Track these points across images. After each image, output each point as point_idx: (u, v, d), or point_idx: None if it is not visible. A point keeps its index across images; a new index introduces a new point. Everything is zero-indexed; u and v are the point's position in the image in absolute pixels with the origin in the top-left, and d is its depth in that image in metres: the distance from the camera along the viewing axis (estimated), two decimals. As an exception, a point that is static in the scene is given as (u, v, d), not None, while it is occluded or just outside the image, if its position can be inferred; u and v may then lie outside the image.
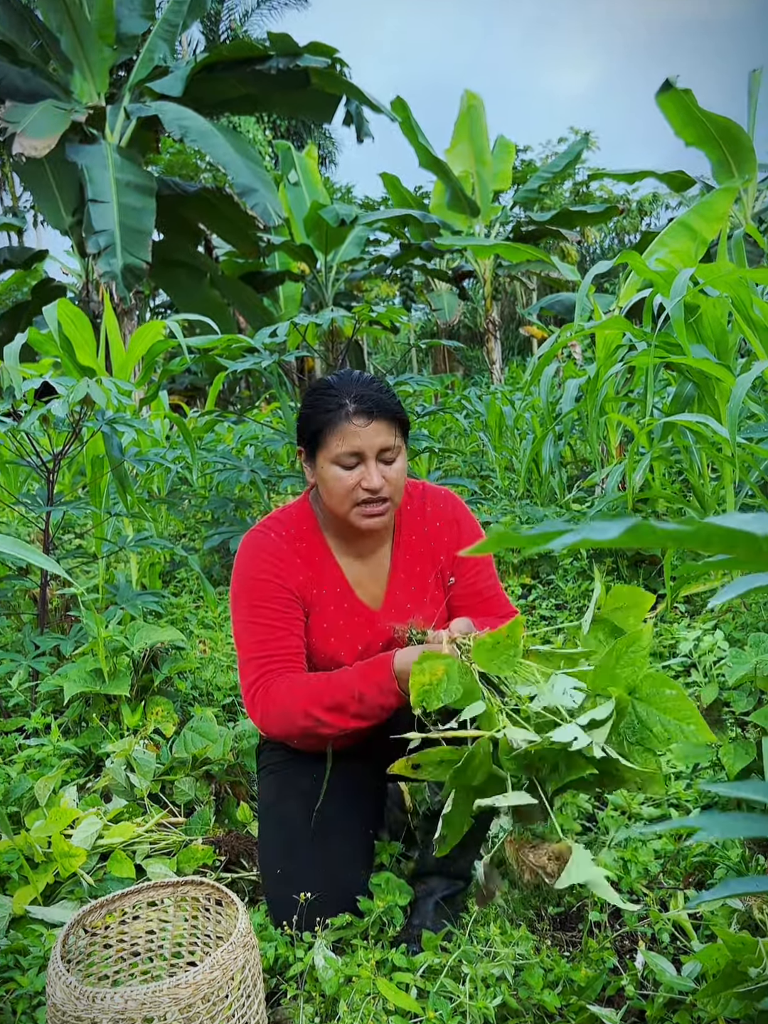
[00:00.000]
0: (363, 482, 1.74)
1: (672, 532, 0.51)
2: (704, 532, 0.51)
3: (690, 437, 3.48)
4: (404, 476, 1.80)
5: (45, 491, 3.15)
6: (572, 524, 0.54)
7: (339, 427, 1.73)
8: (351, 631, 1.87)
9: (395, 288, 21.20)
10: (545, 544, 0.54)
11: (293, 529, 1.87)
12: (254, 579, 1.81)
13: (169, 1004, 1.31)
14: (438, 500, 1.95)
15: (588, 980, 1.56)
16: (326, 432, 1.75)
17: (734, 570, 1.87)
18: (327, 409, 1.75)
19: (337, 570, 1.88)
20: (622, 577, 3.90)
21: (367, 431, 1.73)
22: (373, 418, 1.73)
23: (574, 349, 11.23)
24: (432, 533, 1.92)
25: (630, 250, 3.77)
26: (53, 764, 2.34)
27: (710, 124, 10.31)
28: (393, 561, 1.91)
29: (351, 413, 1.73)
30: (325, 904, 1.73)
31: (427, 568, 1.91)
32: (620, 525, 0.51)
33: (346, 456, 1.74)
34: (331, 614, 1.86)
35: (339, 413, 1.73)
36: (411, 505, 1.94)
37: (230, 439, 7.39)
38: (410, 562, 1.91)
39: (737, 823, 0.64)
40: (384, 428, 1.75)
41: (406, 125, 13.47)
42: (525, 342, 26.28)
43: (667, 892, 1.80)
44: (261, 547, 1.84)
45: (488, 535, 0.60)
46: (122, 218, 9.28)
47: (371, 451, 1.74)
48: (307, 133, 26.24)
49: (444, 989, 1.53)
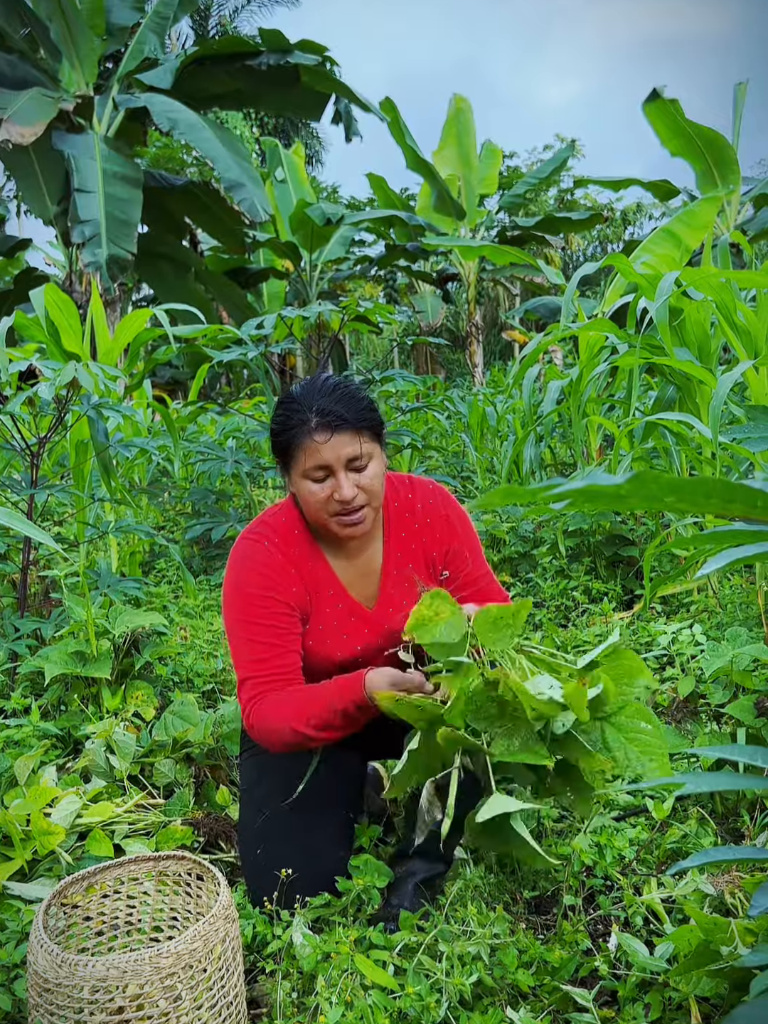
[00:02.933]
0: (335, 494, 1.72)
1: (674, 482, 0.53)
2: (704, 485, 0.54)
3: (671, 439, 3.52)
4: (380, 479, 1.77)
5: (28, 475, 3.14)
6: (569, 484, 0.56)
7: (303, 443, 1.71)
8: (348, 632, 1.87)
9: (379, 289, 21.23)
10: (549, 494, 0.56)
11: (284, 535, 1.85)
12: (250, 594, 1.79)
13: (151, 973, 1.32)
14: (427, 495, 1.94)
15: (562, 961, 1.59)
16: (292, 448, 1.74)
17: (708, 555, 1.89)
18: (291, 425, 1.73)
19: (330, 573, 1.87)
20: (600, 577, 3.94)
21: (330, 445, 1.70)
22: (335, 431, 1.70)
23: (555, 354, 11.28)
24: (422, 529, 1.91)
25: (617, 254, 3.81)
26: (33, 745, 2.34)
27: (695, 135, 10.41)
28: (384, 560, 1.90)
29: (312, 429, 1.70)
30: (304, 885, 1.75)
31: (419, 564, 1.91)
32: (624, 475, 0.53)
33: (314, 471, 1.72)
34: (327, 616, 1.85)
35: (303, 429, 1.71)
36: (398, 502, 1.92)
37: (212, 431, 7.38)
38: (401, 559, 1.90)
39: (719, 778, 0.67)
40: (348, 439, 1.71)
41: (394, 126, 13.50)
42: (507, 347, 26.36)
43: (640, 878, 1.83)
44: (255, 559, 1.82)
45: (485, 499, 0.62)
46: (108, 208, 9.23)
47: (338, 463, 1.71)
48: (294, 131, 26.23)
49: (421, 966, 1.55)
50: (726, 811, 2.05)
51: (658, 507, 0.60)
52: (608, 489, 0.54)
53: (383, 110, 12.75)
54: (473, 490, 6.23)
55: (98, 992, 1.32)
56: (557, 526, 4.02)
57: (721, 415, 3.23)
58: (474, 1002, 1.53)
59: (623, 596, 3.74)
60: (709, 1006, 1.45)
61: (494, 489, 0.57)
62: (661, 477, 0.53)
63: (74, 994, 1.32)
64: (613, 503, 0.56)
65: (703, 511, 0.62)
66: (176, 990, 1.35)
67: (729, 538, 0.71)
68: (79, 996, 1.32)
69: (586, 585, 3.81)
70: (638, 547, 3.88)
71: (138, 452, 4.53)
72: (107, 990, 1.32)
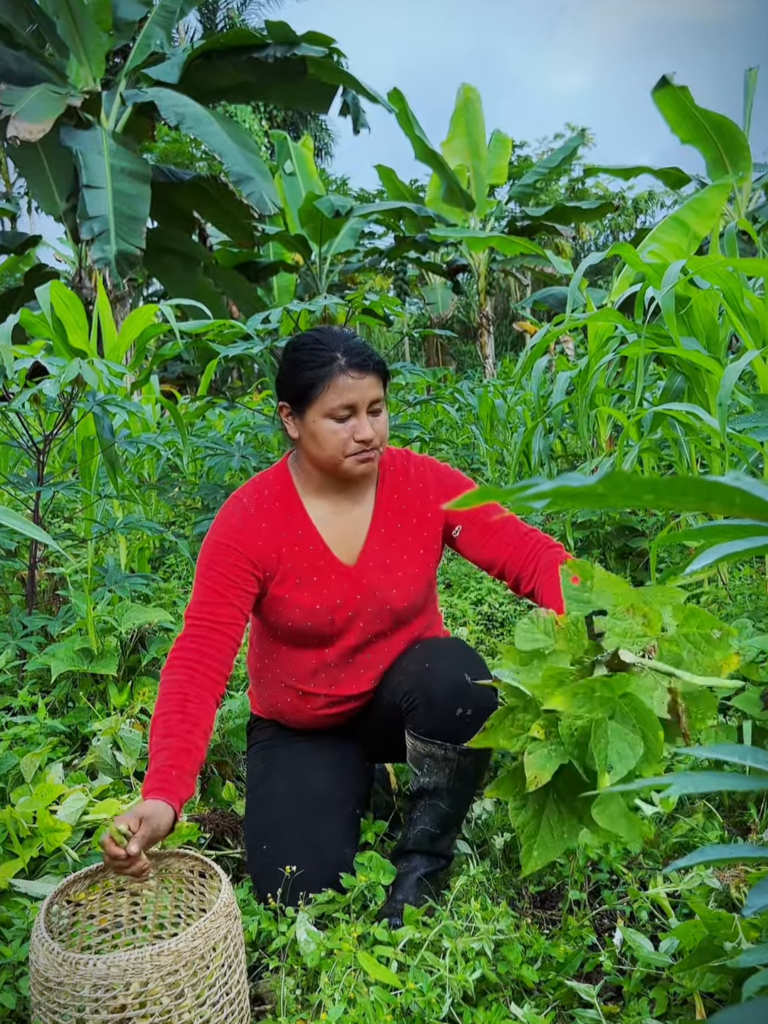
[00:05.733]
0: (356, 434, 1.77)
1: (648, 482, 0.53)
2: (680, 483, 0.53)
3: (679, 430, 3.50)
4: (387, 426, 1.85)
5: (35, 472, 3.15)
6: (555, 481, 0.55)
7: (334, 381, 1.75)
8: (327, 587, 1.88)
9: (389, 281, 21.19)
10: (524, 495, 0.55)
11: (267, 490, 1.90)
12: (216, 542, 1.86)
13: (151, 971, 1.32)
14: (423, 465, 1.98)
15: (567, 956, 1.58)
16: (319, 386, 1.77)
17: (713, 542, 1.88)
18: (319, 364, 1.77)
19: (311, 528, 1.89)
20: (609, 569, 3.92)
21: (362, 384, 1.76)
22: (367, 371, 1.77)
23: (567, 344, 11.26)
24: (416, 492, 1.94)
25: (624, 243, 3.78)
26: (39, 742, 2.35)
27: (705, 121, 10.34)
28: (373, 518, 1.93)
29: (344, 367, 1.75)
30: (310, 881, 1.75)
31: (409, 525, 1.93)
32: (597, 475, 0.52)
33: (340, 409, 1.76)
34: (305, 571, 1.88)
35: (332, 368, 1.76)
36: (394, 466, 1.96)
37: (221, 426, 7.39)
38: (391, 518, 1.93)
39: (708, 779, 0.66)
40: (375, 380, 1.79)
41: (402, 116, 13.46)
42: (518, 338, 26.30)
43: (646, 872, 1.82)
44: (231, 513, 1.88)
45: (463, 499, 0.62)
46: (116, 204, 9.24)
47: (364, 403, 1.77)
48: (303, 124, 26.17)
49: (424, 963, 1.55)
50: (733, 804, 2.04)
51: (637, 505, 0.59)
52: (582, 490, 0.54)
53: (391, 101, 12.72)
54: (483, 482, 6.21)
55: (99, 990, 1.32)
56: (566, 518, 4.00)
57: (730, 405, 3.21)
58: (478, 998, 1.53)
59: (633, 588, 3.71)
60: (714, 1001, 1.44)
61: (472, 490, 0.57)
62: (634, 477, 0.52)
63: (75, 992, 1.32)
64: (592, 502, 0.56)
65: (682, 509, 0.61)
66: (178, 987, 1.35)
67: (737, 531, 0.70)
68: (80, 994, 1.32)
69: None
70: (647, 538, 3.86)
71: (146, 448, 4.54)
72: (109, 988, 1.32)
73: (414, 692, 1.82)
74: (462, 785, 1.81)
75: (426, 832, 1.83)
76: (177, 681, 1.74)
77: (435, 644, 1.93)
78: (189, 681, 1.73)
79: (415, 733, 1.82)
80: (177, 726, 1.67)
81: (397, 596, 1.91)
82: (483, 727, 1.35)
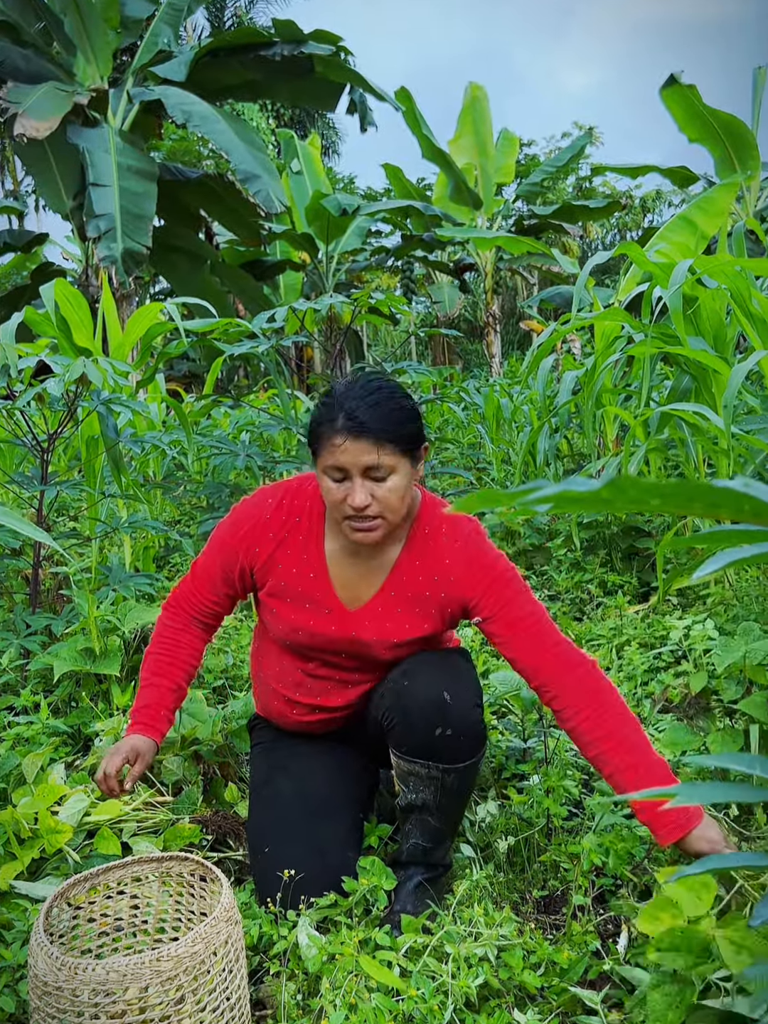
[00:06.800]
0: (347, 498, 1.68)
1: (655, 486, 0.51)
2: (687, 489, 0.51)
3: (686, 430, 3.47)
4: (400, 494, 1.70)
5: (40, 471, 3.14)
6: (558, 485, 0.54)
7: (327, 441, 1.68)
8: (317, 618, 1.84)
9: (396, 280, 21.16)
10: (528, 499, 0.54)
11: (298, 503, 1.85)
12: (224, 531, 1.90)
13: (151, 976, 1.31)
14: (459, 540, 1.82)
15: (570, 962, 1.57)
16: (317, 443, 1.71)
17: (720, 547, 1.87)
18: (321, 420, 1.71)
19: (320, 559, 1.83)
20: (615, 570, 3.90)
21: (347, 450, 1.65)
22: (359, 437, 1.65)
23: (573, 344, 11.23)
24: (439, 568, 1.81)
25: (631, 243, 3.76)
26: (42, 742, 2.34)
27: (713, 120, 10.30)
28: (388, 578, 1.83)
29: (339, 427, 1.66)
30: (312, 884, 1.74)
31: (420, 597, 1.82)
32: (602, 479, 0.51)
33: (332, 470, 1.68)
34: (299, 594, 1.84)
35: (330, 427, 1.67)
36: (428, 530, 1.83)
37: (226, 425, 7.38)
38: (405, 584, 1.83)
39: (715, 790, 0.64)
40: (366, 447, 1.65)
41: (410, 115, 13.44)
42: (525, 337, 26.25)
43: (651, 878, 1.80)
44: (255, 509, 1.87)
45: (463, 503, 0.60)
46: (123, 202, 9.24)
47: (355, 469, 1.67)
48: (310, 122, 26.17)
49: (427, 968, 1.53)
50: (741, 809, 2.02)
51: (643, 509, 0.57)
52: (586, 495, 0.52)
53: (398, 99, 12.69)
54: (489, 482, 6.19)
55: (99, 995, 1.31)
56: (571, 518, 3.98)
57: (737, 405, 3.19)
58: (480, 1004, 1.51)
59: (639, 589, 3.70)
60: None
61: (472, 493, 0.55)
62: (641, 481, 0.50)
63: (75, 997, 1.31)
64: (597, 507, 0.54)
65: (688, 514, 0.60)
66: (178, 993, 1.34)
67: (745, 537, 0.68)
68: (80, 999, 1.31)
69: (601, 578, 3.77)
70: (654, 539, 3.84)
71: (151, 447, 4.53)
72: (108, 993, 1.31)
73: (392, 710, 1.78)
74: (450, 801, 1.78)
75: (419, 846, 1.81)
76: (171, 627, 1.98)
77: (418, 659, 1.84)
78: (183, 629, 1.98)
79: (396, 751, 1.79)
80: (166, 666, 1.95)
81: (386, 653, 1.85)
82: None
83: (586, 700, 1.70)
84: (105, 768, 1.78)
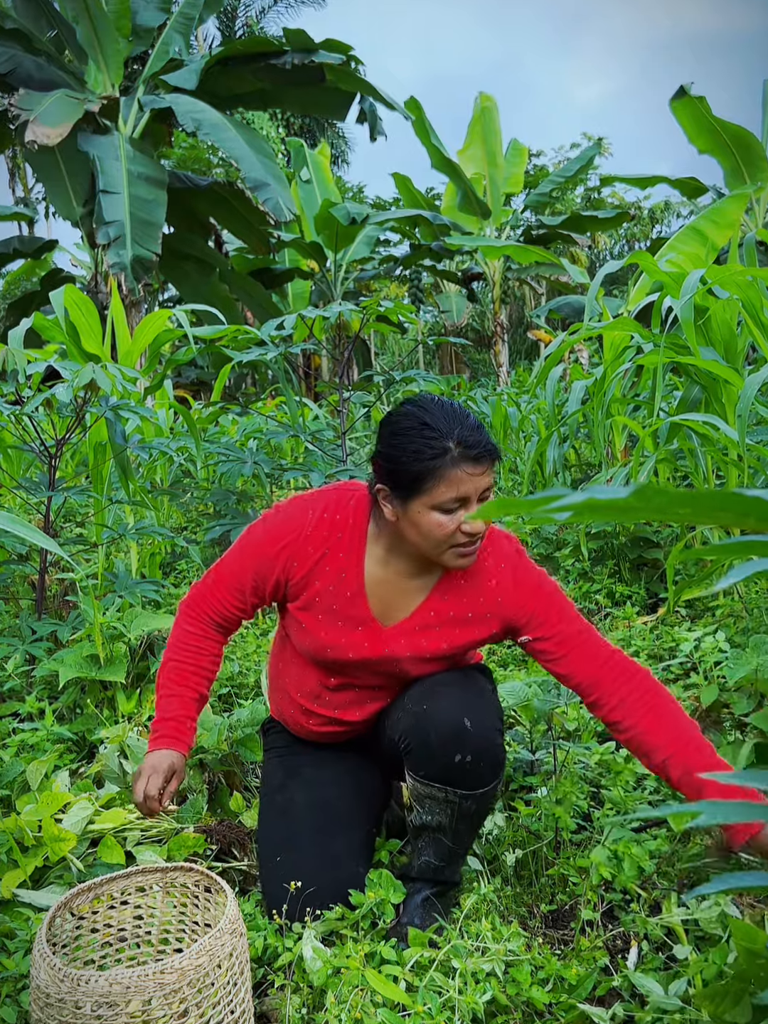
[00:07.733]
0: (464, 526, 1.61)
1: (684, 495, 0.50)
2: (718, 498, 0.50)
3: (696, 440, 3.46)
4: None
5: (47, 477, 3.14)
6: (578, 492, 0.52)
7: (447, 474, 1.58)
8: (347, 637, 1.79)
9: (404, 288, 21.18)
10: (550, 507, 0.52)
11: (340, 518, 1.77)
12: (259, 538, 1.80)
13: (154, 989, 1.29)
14: (506, 561, 1.79)
15: (579, 978, 1.55)
16: (429, 480, 1.59)
17: (735, 559, 1.86)
18: (430, 455, 1.58)
19: (359, 577, 1.77)
20: (624, 580, 3.88)
21: (475, 476, 1.59)
22: (479, 462, 1.59)
23: (581, 354, 11.21)
24: (484, 589, 1.78)
25: (642, 252, 3.75)
26: (46, 749, 2.33)
27: (723, 132, 10.31)
28: (429, 597, 1.79)
29: (458, 459, 1.58)
30: (321, 896, 1.72)
31: (462, 618, 1.78)
32: (628, 487, 0.49)
33: (451, 502, 1.60)
34: (332, 611, 1.78)
35: (445, 459, 1.58)
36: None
37: (234, 432, 7.37)
38: (446, 604, 1.78)
39: (738, 808, 0.63)
40: (488, 469, 1.62)
41: (419, 125, 13.47)
42: (533, 346, 26.23)
43: (661, 893, 1.78)
44: (296, 522, 1.77)
45: (482, 511, 0.59)
46: (133, 209, 9.27)
47: (475, 495, 1.61)
48: (320, 131, 26.22)
49: (433, 983, 1.51)
50: (751, 823, 1.99)
51: (669, 519, 0.56)
52: (612, 503, 0.50)
53: (408, 109, 12.73)
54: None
55: (101, 1008, 1.29)
56: (580, 528, 3.97)
57: (748, 416, 3.17)
58: (487, 1020, 1.49)
59: (647, 600, 3.68)
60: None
61: (490, 501, 0.54)
62: (669, 490, 0.49)
63: (77, 1010, 1.29)
64: (620, 516, 0.52)
65: (716, 524, 0.58)
66: (181, 1006, 1.32)
67: (759, 548, 0.67)
68: (82, 1012, 1.29)
69: (609, 588, 3.75)
70: (663, 549, 3.82)
71: (159, 453, 4.52)
72: (111, 1005, 1.29)
73: (410, 734, 1.74)
74: (465, 825, 1.76)
75: (430, 864, 1.78)
76: (192, 633, 1.89)
77: (438, 679, 1.80)
78: (204, 635, 1.89)
79: (413, 775, 1.75)
80: (190, 675, 1.88)
81: (416, 669, 1.81)
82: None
83: (645, 708, 1.67)
84: (147, 790, 1.71)
